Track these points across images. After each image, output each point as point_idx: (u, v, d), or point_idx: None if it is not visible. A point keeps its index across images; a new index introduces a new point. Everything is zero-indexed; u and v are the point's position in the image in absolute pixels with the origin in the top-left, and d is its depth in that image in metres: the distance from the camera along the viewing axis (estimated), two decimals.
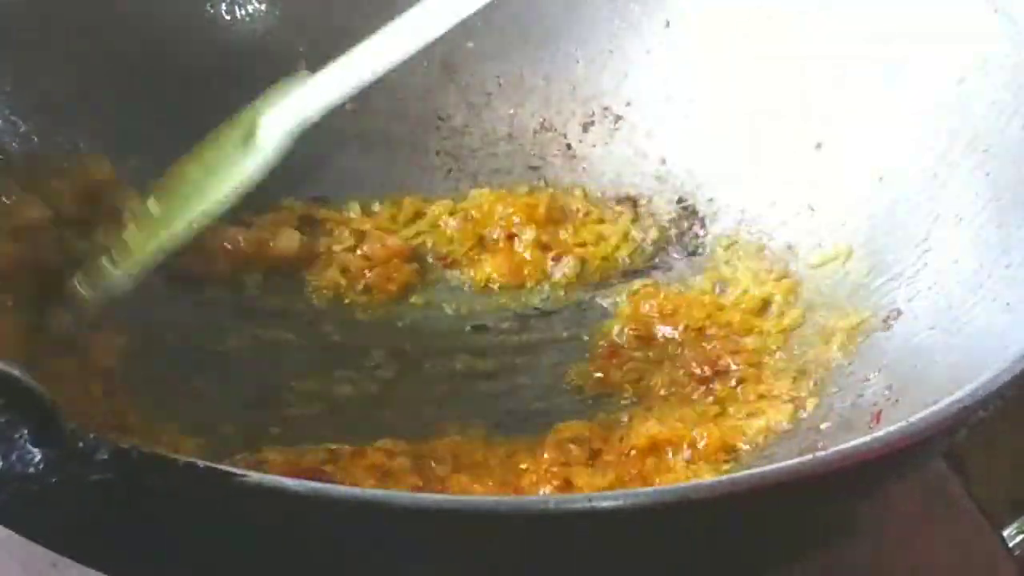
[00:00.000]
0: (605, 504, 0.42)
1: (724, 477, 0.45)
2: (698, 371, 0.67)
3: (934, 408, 0.47)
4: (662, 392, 0.67)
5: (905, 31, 0.71)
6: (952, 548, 0.68)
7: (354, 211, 0.80)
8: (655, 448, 0.62)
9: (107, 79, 0.73)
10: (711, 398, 0.66)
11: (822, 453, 0.45)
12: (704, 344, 0.70)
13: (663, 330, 0.71)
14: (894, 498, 0.67)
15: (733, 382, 0.67)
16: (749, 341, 0.69)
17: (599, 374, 0.70)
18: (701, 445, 0.62)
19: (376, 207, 0.80)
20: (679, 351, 0.70)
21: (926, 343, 0.61)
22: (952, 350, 0.59)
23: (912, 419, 0.46)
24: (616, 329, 0.72)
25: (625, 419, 0.65)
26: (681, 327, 0.71)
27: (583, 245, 0.79)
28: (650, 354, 0.70)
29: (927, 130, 0.69)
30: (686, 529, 0.46)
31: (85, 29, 0.72)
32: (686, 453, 0.61)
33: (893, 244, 0.68)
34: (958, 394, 0.48)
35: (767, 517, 0.48)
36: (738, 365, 0.68)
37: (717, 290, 0.73)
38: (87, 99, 0.71)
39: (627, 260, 0.78)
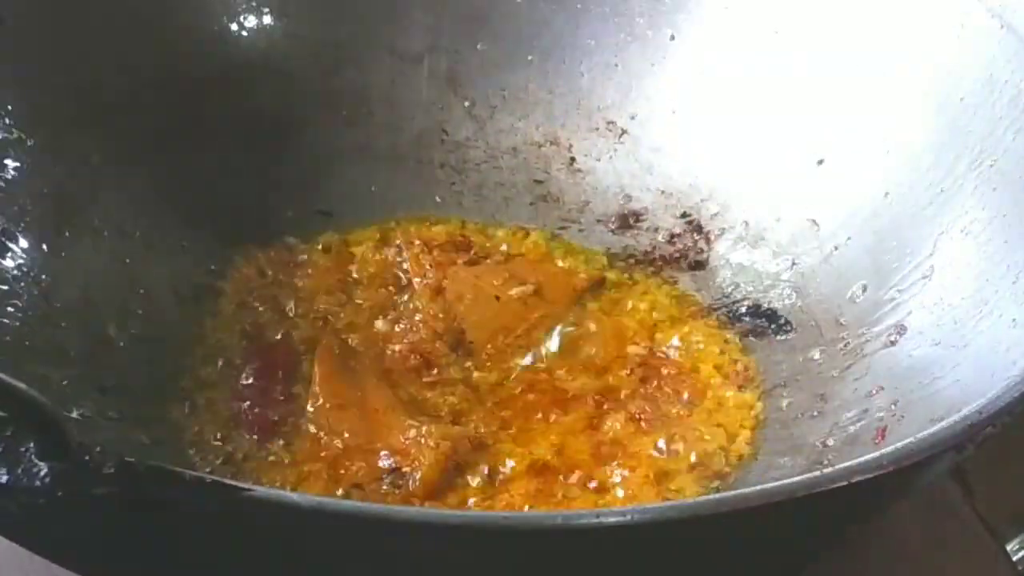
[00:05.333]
0: (612, 520, 0.42)
1: (731, 493, 0.44)
2: None
3: (942, 424, 0.47)
4: None
5: (911, 46, 0.71)
6: (956, 563, 0.68)
7: None
8: None
9: (114, 93, 0.73)
10: None
11: (829, 470, 0.45)
12: None
13: None
14: (897, 512, 0.67)
15: None
16: None
17: None
18: None
19: None
20: None
21: (932, 359, 0.61)
22: (958, 366, 0.58)
23: (920, 436, 0.46)
24: None
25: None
26: None
27: None
28: None
29: (933, 145, 0.69)
30: (693, 544, 0.46)
31: (92, 42, 0.72)
32: None
33: (898, 259, 0.68)
34: (965, 411, 0.48)
35: (772, 533, 0.48)
36: None
37: None
38: (94, 113, 0.71)
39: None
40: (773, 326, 0.73)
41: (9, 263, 0.63)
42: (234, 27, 0.81)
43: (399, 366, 0.71)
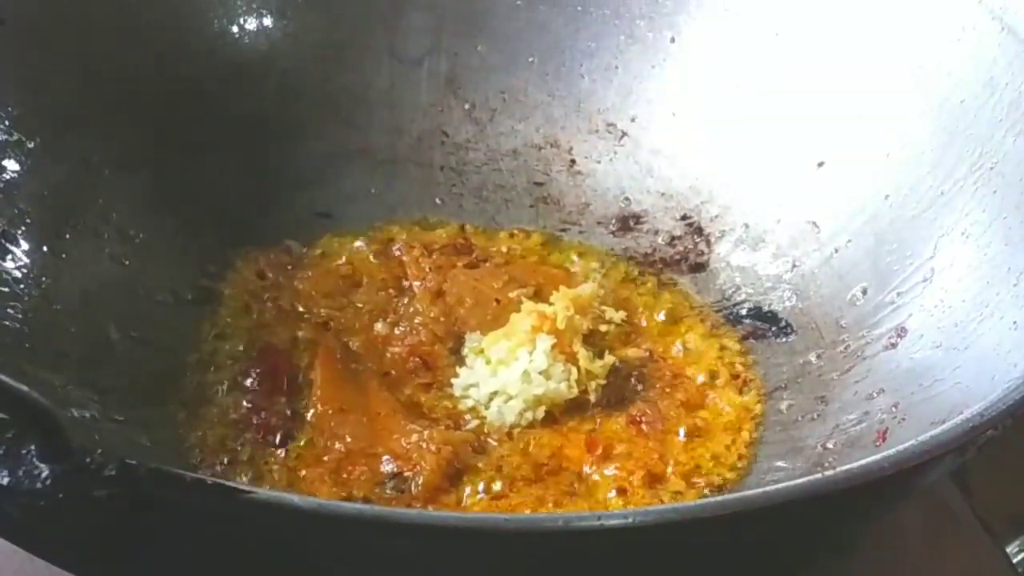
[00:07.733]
0: (614, 522, 0.42)
1: (732, 496, 0.44)
2: None
3: (943, 427, 0.47)
4: None
5: (912, 49, 0.71)
6: (955, 565, 0.68)
7: None
8: None
9: (114, 95, 0.73)
10: None
11: (829, 473, 0.45)
12: None
13: None
14: (897, 514, 0.67)
15: None
16: None
17: None
18: None
19: None
20: None
21: (932, 361, 0.61)
22: (959, 368, 0.59)
23: (921, 438, 0.46)
24: None
25: None
26: None
27: None
28: None
29: (933, 148, 0.69)
30: (693, 546, 0.46)
31: (92, 45, 0.72)
32: None
33: (899, 261, 0.68)
34: (967, 413, 0.48)
35: (772, 535, 0.48)
36: None
37: None
38: (94, 115, 0.71)
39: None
40: (773, 328, 0.73)
41: (10, 265, 0.63)
42: (234, 29, 0.81)
43: (399, 369, 0.71)
